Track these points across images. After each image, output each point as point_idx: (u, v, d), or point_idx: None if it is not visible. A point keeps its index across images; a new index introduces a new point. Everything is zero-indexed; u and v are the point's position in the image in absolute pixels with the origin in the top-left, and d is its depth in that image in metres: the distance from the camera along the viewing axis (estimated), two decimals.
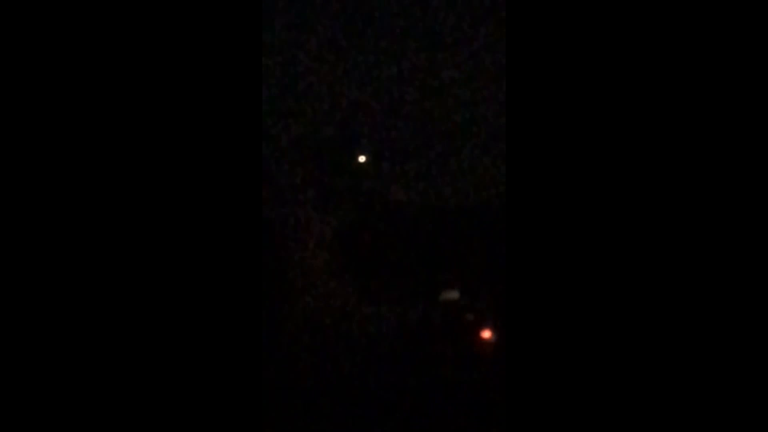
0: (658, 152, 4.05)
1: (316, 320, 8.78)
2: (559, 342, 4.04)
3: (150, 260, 4.17)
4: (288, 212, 9.19)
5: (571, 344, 4.04)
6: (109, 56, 4.22)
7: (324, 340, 8.66)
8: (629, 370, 4.01)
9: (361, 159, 9.67)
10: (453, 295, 9.78)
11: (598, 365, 4.03)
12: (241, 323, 4.22)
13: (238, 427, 4.20)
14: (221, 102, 4.26)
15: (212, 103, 4.26)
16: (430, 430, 7.34)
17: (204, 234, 4.21)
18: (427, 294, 9.71)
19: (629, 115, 4.08)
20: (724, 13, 4.06)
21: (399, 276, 9.69)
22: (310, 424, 7.14)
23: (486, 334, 9.13)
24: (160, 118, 4.22)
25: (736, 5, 4.06)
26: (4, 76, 4.18)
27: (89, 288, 4.15)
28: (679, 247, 4.02)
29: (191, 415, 4.17)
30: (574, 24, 4.11)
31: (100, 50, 4.22)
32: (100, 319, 4.15)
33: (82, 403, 4.13)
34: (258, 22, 4.38)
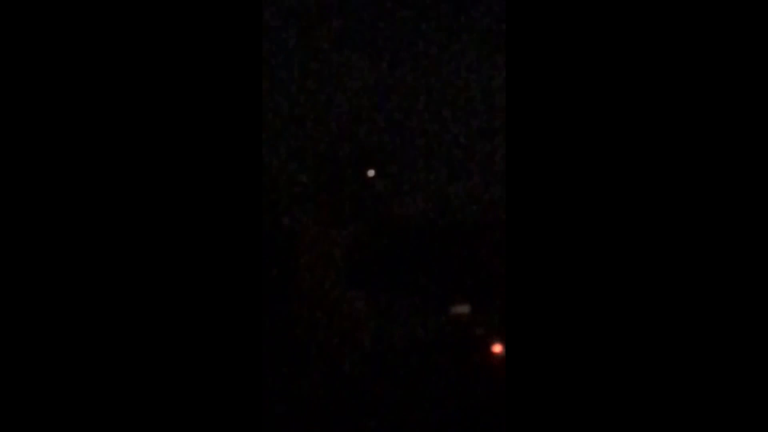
0: (660, 154, 4.05)
1: (325, 333, 8.78)
2: (560, 350, 4.03)
3: (151, 261, 4.19)
4: (298, 225, 9.20)
5: (573, 352, 4.02)
6: (109, 56, 4.23)
7: (332, 353, 8.65)
8: (630, 375, 4.01)
9: (370, 173, 9.68)
10: (463, 308, 9.74)
11: (599, 372, 4.01)
12: (241, 330, 4.22)
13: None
14: (222, 108, 4.27)
15: (212, 108, 4.26)
16: None
17: (205, 238, 4.22)
18: (438, 307, 9.66)
19: (630, 117, 4.07)
20: (724, 13, 4.06)
21: (409, 289, 9.65)
22: None
23: (497, 348, 9.08)
24: (162, 120, 4.23)
25: (736, 5, 4.06)
26: (4, 76, 4.20)
27: (89, 291, 4.16)
28: (679, 246, 4.02)
29: (193, 414, 4.17)
30: (575, 29, 4.10)
31: (100, 50, 4.23)
32: (101, 321, 4.16)
33: (82, 403, 4.14)
34: (258, 26, 4.39)
